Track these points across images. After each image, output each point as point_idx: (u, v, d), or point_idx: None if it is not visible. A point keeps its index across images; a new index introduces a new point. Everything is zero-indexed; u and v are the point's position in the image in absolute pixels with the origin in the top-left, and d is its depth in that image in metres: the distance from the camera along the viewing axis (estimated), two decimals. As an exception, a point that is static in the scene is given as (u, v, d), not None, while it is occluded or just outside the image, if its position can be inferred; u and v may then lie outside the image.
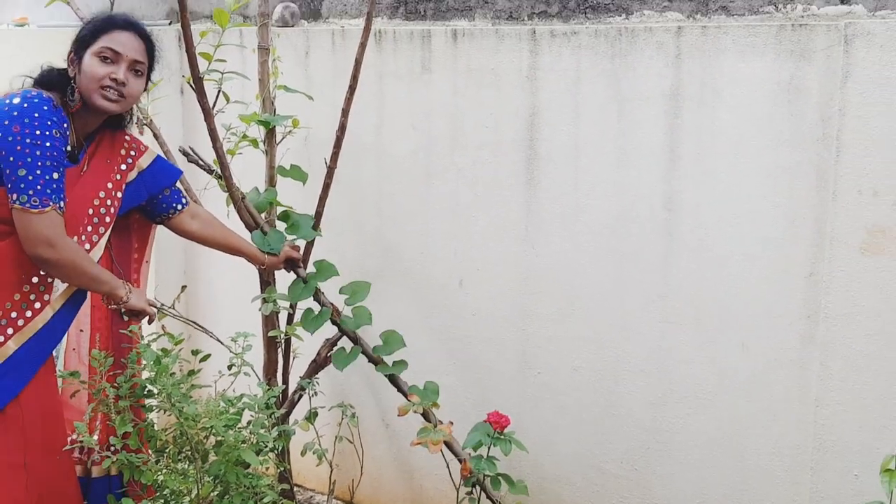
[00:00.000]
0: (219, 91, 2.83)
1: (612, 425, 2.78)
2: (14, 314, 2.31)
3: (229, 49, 2.88)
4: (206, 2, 3.85)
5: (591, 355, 2.80)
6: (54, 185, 2.25)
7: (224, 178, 2.83)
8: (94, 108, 2.38)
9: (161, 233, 3.80)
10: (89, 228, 2.41)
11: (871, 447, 2.36)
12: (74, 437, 2.44)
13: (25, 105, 2.26)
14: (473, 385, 3.07)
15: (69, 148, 2.35)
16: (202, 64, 2.73)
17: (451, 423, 2.65)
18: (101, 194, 2.43)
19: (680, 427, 2.66)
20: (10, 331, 2.30)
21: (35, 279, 2.34)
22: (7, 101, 2.28)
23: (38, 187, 2.23)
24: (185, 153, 2.79)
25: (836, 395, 2.39)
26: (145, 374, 2.51)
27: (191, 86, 2.72)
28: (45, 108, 2.27)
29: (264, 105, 2.99)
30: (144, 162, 2.58)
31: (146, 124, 3.18)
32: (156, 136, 3.19)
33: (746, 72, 2.44)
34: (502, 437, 2.60)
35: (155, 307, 2.55)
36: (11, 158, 2.22)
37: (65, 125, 2.32)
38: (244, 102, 3.00)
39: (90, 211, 2.40)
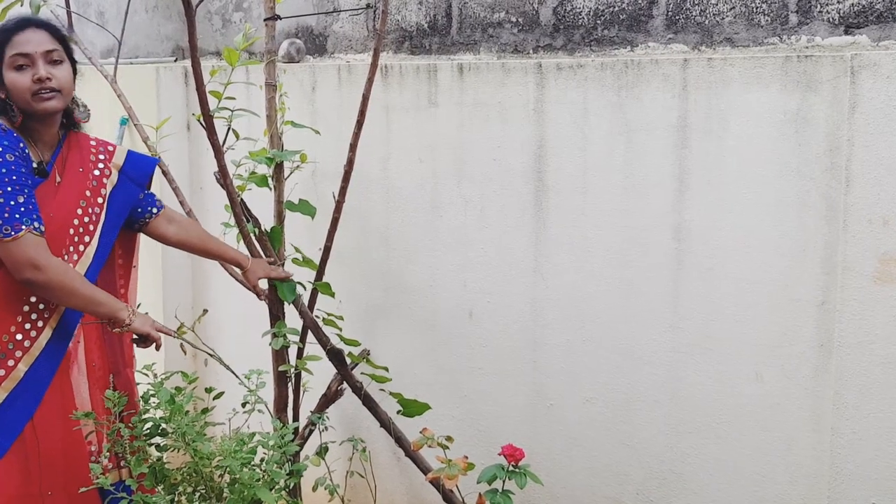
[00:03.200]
0: (228, 128, 2.84)
1: (627, 456, 2.78)
2: (19, 336, 2.33)
3: (234, 85, 2.90)
4: (210, 39, 3.88)
5: (603, 386, 2.80)
6: (21, 209, 2.25)
7: (234, 214, 2.84)
8: (38, 114, 2.36)
9: (169, 266, 3.81)
10: (76, 239, 2.41)
11: (887, 475, 2.36)
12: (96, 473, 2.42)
13: None
14: (484, 418, 3.06)
15: (36, 164, 2.35)
16: (211, 102, 2.75)
17: (466, 458, 2.64)
18: (82, 203, 2.44)
19: (695, 457, 2.66)
20: (18, 353, 2.33)
21: (33, 298, 2.35)
22: None
23: (6, 215, 2.24)
24: (217, 179, 2.81)
25: (851, 424, 2.39)
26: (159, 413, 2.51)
27: (200, 123, 2.74)
28: None
29: (272, 141, 3.01)
30: (119, 160, 2.57)
31: (154, 161, 3.20)
32: (164, 172, 3.20)
33: (753, 103, 2.46)
34: (517, 470, 2.59)
35: (163, 332, 2.53)
36: None
37: (21, 145, 2.31)
38: (252, 139, 3.02)
39: (75, 221, 2.41)
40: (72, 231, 2.40)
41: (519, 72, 2.86)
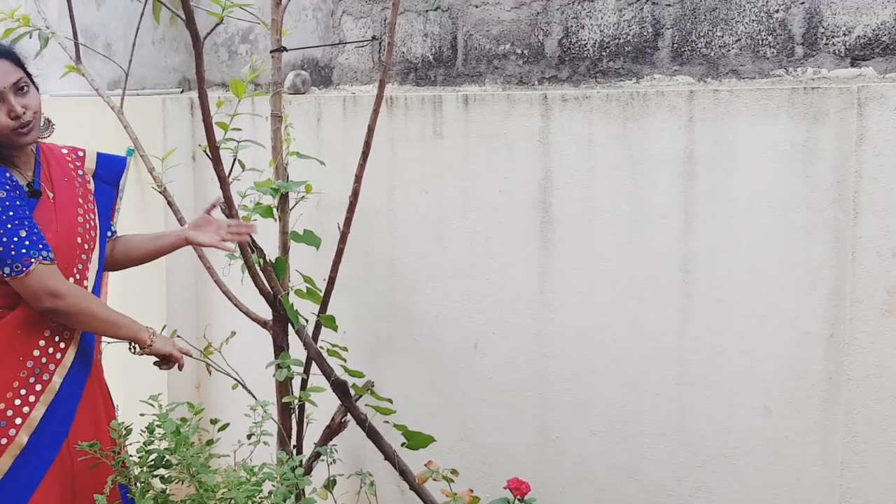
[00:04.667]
0: (234, 159, 2.85)
1: (634, 490, 2.75)
2: (51, 350, 2.35)
3: (240, 116, 2.91)
4: (217, 71, 3.90)
5: (609, 419, 2.78)
6: (26, 243, 2.25)
7: (239, 245, 2.83)
8: (18, 147, 2.33)
9: (173, 292, 3.79)
10: (85, 246, 2.43)
11: (898, 510, 2.34)
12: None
13: None
14: (490, 450, 3.04)
15: (26, 186, 2.34)
16: (217, 133, 2.75)
17: (471, 491, 2.62)
18: (80, 211, 2.45)
19: (703, 491, 2.63)
20: (51, 366, 2.35)
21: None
22: None
23: (13, 253, 2.24)
24: (222, 208, 2.80)
25: (861, 458, 2.37)
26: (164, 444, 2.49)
27: (206, 154, 2.74)
28: None
29: (277, 172, 3.02)
30: (91, 164, 2.58)
31: (160, 192, 3.20)
32: (169, 203, 3.20)
33: (759, 135, 2.46)
34: (523, 503, 2.57)
35: (184, 353, 2.52)
36: None
37: (7, 175, 2.30)
38: (258, 170, 3.02)
39: (79, 230, 2.43)
40: (79, 240, 2.42)
41: (524, 103, 2.87)
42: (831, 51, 2.43)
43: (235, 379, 2.96)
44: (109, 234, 2.62)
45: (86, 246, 2.43)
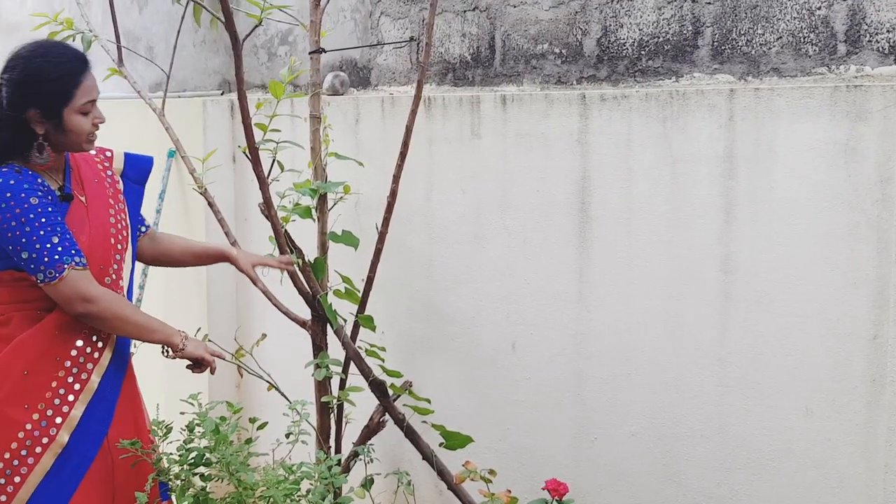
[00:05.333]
0: (273, 160, 2.87)
1: (674, 493, 2.73)
2: (89, 349, 2.38)
3: (279, 117, 2.93)
4: (256, 72, 3.93)
5: (648, 420, 2.76)
6: (59, 248, 2.27)
7: (278, 245, 2.86)
8: (80, 151, 2.40)
9: (214, 296, 3.83)
10: (118, 247, 2.46)
11: (944, 515, 2.30)
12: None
13: None
14: (527, 451, 3.03)
15: (57, 190, 2.36)
16: (256, 134, 2.78)
17: (509, 492, 2.62)
18: (111, 211, 2.48)
19: (744, 494, 2.60)
20: (89, 366, 2.38)
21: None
22: None
23: (46, 259, 2.25)
24: (261, 209, 2.83)
25: (905, 461, 2.33)
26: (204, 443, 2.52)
27: (245, 155, 2.77)
28: (13, 182, 2.26)
29: (316, 172, 3.04)
30: (119, 164, 2.60)
31: (201, 193, 3.23)
32: (210, 204, 3.23)
33: (801, 133, 2.43)
34: (561, 504, 2.56)
35: (217, 356, 2.54)
36: (10, 247, 2.25)
37: (39, 181, 2.31)
38: (297, 170, 3.04)
39: (112, 230, 2.45)
40: (112, 241, 2.44)
41: (562, 103, 2.86)
42: (874, 48, 2.40)
43: (268, 381, 2.97)
44: (144, 228, 2.65)
45: (119, 246, 2.46)
